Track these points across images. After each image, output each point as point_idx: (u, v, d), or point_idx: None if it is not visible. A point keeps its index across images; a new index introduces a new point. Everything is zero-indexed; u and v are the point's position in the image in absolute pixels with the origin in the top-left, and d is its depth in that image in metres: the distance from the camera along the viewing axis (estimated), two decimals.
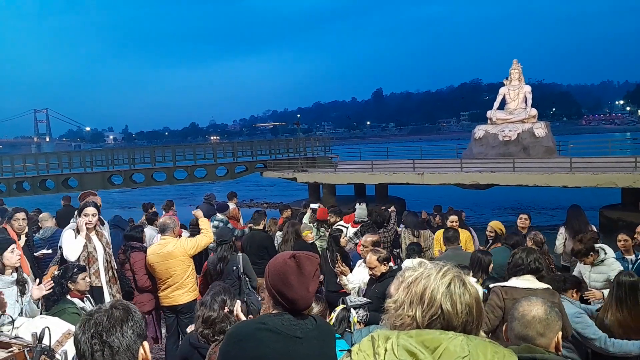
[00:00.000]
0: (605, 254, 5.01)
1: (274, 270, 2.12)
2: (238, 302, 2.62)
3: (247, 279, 5.30)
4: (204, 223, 5.85)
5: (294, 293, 2.04)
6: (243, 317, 2.70)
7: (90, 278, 4.67)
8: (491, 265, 4.98)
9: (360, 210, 8.31)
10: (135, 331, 1.51)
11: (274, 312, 2.11)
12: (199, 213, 6.28)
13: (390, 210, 8.62)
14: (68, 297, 3.96)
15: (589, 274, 5.03)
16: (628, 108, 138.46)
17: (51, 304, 3.92)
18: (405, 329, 1.32)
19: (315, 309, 3.16)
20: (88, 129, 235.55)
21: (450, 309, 1.27)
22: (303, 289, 2.05)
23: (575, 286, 4.13)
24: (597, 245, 5.07)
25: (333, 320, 4.59)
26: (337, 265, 5.35)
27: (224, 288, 3.32)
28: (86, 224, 4.85)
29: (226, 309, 3.10)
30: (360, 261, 5.43)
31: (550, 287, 3.63)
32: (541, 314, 1.96)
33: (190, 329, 3.55)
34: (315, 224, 8.03)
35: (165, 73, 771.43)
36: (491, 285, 3.92)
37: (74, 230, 4.91)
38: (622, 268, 4.89)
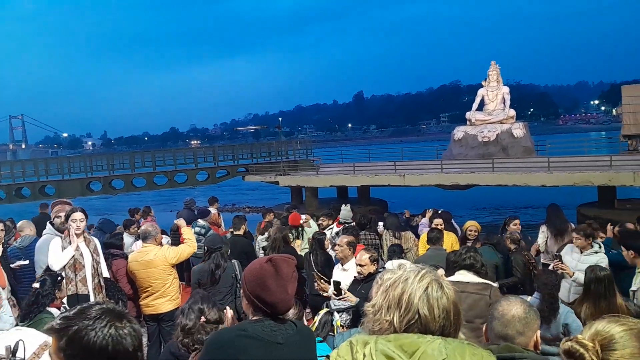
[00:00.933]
0: (600, 248, 5.29)
1: (251, 276, 2.11)
2: (228, 309, 2.57)
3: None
4: (187, 232, 5.78)
5: (273, 297, 2.03)
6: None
7: (76, 285, 4.62)
8: None
9: (345, 211, 8.36)
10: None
11: (254, 318, 2.10)
12: (181, 222, 6.19)
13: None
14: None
15: (577, 263, 5.23)
16: (603, 108, 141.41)
17: (33, 316, 3.85)
18: (383, 333, 1.31)
19: (290, 312, 3.15)
20: (65, 135, 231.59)
21: (427, 314, 1.27)
22: (282, 292, 2.05)
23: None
24: (597, 239, 5.38)
25: (316, 323, 4.57)
26: (316, 283, 5.29)
27: (202, 297, 3.29)
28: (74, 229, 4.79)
29: (202, 319, 3.05)
30: (337, 265, 5.40)
31: (489, 283, 3.72)
32: (520, 313, 1.99)
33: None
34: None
35: (145, 77, 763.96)
36: None
37: (62, 239, 4.83)
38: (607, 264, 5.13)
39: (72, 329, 1.35)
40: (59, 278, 4.10)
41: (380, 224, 8.86)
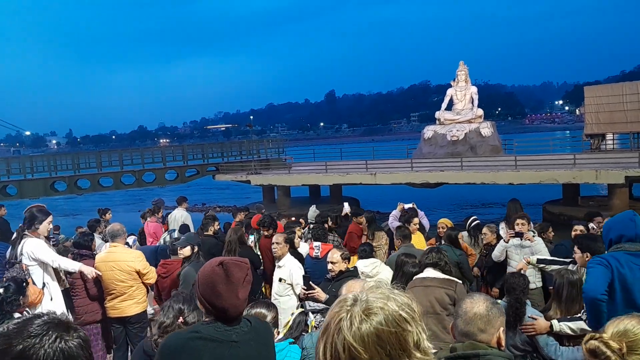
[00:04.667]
0: (535, 233, 5.83)
1: (202, 279, 2.07)
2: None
3: None
4: (149, 273, 5.52)
5: (223, 302, 2.00)
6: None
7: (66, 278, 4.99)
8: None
9: (311, 212, 8.45)
10: None
11: (206, 319, 2.09)
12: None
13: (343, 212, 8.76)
14: None
15: (520, 248, 5.78)
16: (567, 108, 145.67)
17: None
18: None
19: (269, 317, 3.11)
20: (28, 133, 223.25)
21: (341, 351, 1.09)
22: (232, 297, 2.01)
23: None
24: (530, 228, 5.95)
25: (290, 322, 4.54)
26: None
27: (185, 298, 3.22)
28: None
29: (180, 319, 2.99)
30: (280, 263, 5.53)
31: (454, 279, 4.10)
32: (482, 311, 2.01)
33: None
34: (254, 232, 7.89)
35: (112, 75, 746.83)
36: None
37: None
38: (545, 248, 5.62)
39: (17, 349, 1.21)
40: (24, 284, 3.99)
41: (346, 204, 9.15)
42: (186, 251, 5.40)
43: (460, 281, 4.36)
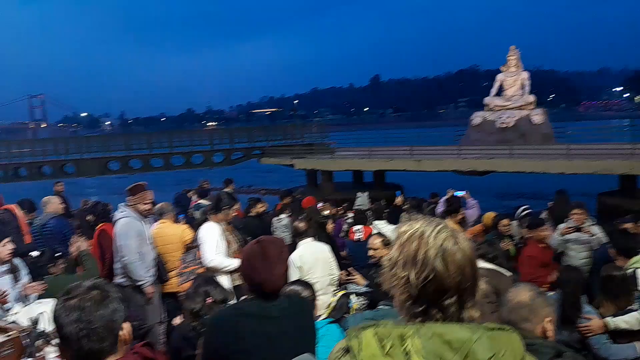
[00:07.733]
0: (593, 221, 5.77)
1: (244, 257, 2.26)
2: None
3: None
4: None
5: (259, 276, 2.14)
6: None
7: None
8: None
9: (362, 198, 8.51)
10: (116, 311, 1.52)
11: (248, 297, 2.26)
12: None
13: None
14: None
15: (577, 235, 5.55)
16: (626, 95, 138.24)
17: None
18: (399, 289, 1.25)
19: (303, 294, 3.18)
20: (84, 114, 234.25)
21: (442, 270, 1.21)
22: (267, 272, 2.14)
23: None
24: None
25: (333, 304, 4.62)
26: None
27: (205, 279, 3.39)
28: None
29: (209, 300, 3.15)
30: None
31: (501, 271, 4.14)
32: (525, 299, 2.03)
33: (176, 321, 3.66)
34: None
35: (162, 58, 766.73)
36: None
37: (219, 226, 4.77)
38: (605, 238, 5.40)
39: (70, 299, 1.49)
40: (55, 255, 4.30)
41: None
42: None
43: (510, 273, 4.33)
